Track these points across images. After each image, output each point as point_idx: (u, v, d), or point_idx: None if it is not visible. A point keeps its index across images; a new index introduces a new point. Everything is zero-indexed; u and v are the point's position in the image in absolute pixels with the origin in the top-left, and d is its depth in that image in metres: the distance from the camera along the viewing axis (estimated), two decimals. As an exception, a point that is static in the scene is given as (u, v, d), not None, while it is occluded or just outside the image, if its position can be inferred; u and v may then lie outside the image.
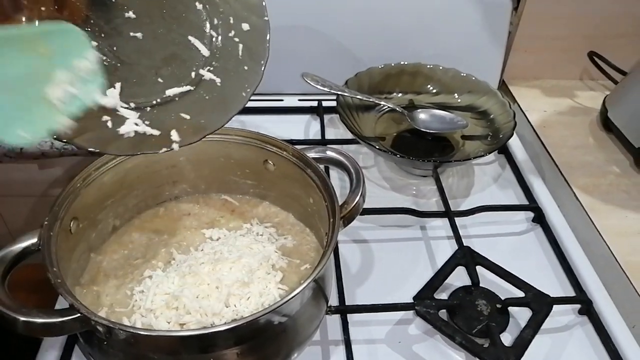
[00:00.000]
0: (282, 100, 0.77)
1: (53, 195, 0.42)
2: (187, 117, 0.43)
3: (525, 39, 0.78)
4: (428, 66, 0.73)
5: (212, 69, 0.45)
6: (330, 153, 0.48)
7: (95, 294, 0.44)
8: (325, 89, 0.66)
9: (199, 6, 0.45)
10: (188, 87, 0.44)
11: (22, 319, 0.34)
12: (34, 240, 0.39)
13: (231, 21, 0.46)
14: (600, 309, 0.51)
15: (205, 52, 0.45)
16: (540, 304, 0.49)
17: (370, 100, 0.68)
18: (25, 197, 0.51)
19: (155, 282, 0.44)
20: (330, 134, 0.72)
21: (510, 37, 0.77)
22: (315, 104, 0.76)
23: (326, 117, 0.74)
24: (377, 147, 0.62)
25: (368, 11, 0.73)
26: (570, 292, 0.53)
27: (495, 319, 0.48)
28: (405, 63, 0.73)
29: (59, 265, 0.38)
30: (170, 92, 0.43)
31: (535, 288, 0.50)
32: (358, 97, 0.68)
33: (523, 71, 0.81)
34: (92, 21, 0.41)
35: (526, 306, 0.49)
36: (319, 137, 0.71)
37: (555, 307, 0.49)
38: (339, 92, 0.67)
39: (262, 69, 0.46)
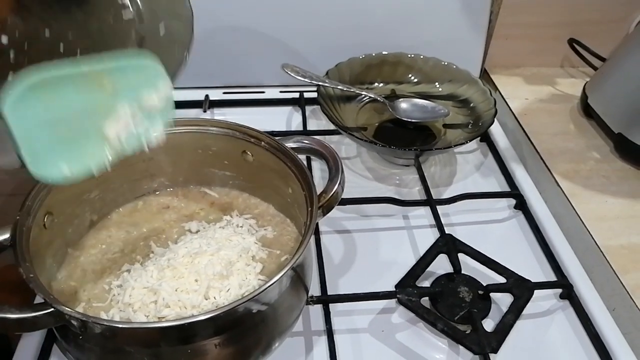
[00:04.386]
0: (263, 92, 0.77)
1: (24, 193, 0.41)
2: None
3: (505, 27, 0.78)
4: (409, 56, 0.73)
5: None
6: (307, 142, 0.47)
7: (73, 289, 0.44)
8: (306, 80, 0.66)
9: None
10: None
11: (-5, 315, 0.34)
12: (6, 235, 0.38)
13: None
14: (580, 293, 0.51)
15: None
16: (521, 290, 0.49)
17: (352, 90, 0.68)
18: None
19: (133, 276, 0.43)
20: (312, 125, 0.71)
21: (491, 25, 0.77)
22: (297, 95, 0.75)
23: (308, 108, 0.73)
24: (359, 137, 0.61)
25: (348, 1, 0.72)
26: (552, 277, 0.53)
27: (477, 305, 0.48)
28: (386, 53, 0.72)
29: (34, 261, 0.38)
30: None
31: (516, 274, 0.50)
32: (339, 87, 0.67)
33: (504, 59, 0.81)
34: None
35: (508, 292, 0.49)
36: (301, 128, 0.70)
37: (537, 292, 0.50)
38: (320, 83, 0.66)
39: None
